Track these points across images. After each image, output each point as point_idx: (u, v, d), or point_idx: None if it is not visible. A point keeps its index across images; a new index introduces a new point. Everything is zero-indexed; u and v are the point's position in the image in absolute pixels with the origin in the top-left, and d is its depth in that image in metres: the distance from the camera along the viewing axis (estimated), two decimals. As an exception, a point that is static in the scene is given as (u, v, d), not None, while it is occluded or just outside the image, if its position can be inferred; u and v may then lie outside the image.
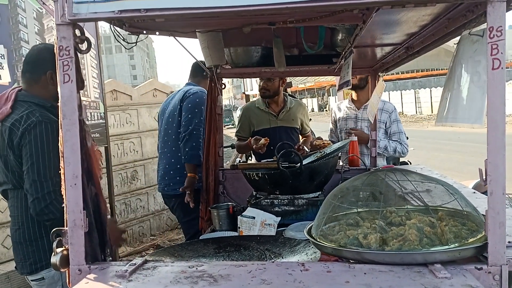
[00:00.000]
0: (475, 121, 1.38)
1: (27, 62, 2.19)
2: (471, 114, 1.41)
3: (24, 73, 2.19)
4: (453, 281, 1.13)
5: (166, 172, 3.48)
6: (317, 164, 2.70)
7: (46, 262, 2.09)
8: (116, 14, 1.24)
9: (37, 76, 2.15)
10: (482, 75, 1.38)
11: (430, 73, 37.27)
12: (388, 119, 3.78)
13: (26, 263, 2.11)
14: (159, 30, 2.17)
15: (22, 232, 2.11)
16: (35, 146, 1.98)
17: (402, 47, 2.32)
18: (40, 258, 2.10)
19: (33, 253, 2.11)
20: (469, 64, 1.45)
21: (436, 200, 1.48)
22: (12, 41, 3.74)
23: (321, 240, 1.44)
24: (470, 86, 1.43)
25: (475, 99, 1.40)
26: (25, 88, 2.17)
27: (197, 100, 3.35)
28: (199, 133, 3.27)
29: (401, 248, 1.27)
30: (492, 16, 1.16)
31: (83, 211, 1.32)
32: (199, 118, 3.29)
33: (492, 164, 1.18)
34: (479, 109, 1.37)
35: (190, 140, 3.24)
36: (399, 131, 3.78)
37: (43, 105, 2.10)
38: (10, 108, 2.07)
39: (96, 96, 4.27)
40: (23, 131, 1.99)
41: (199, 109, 3.32)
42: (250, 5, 1.17)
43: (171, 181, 3.42)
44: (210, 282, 1.19)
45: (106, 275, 1.28)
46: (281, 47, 2.30)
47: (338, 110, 4.05)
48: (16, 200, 2.13)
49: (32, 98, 2.11)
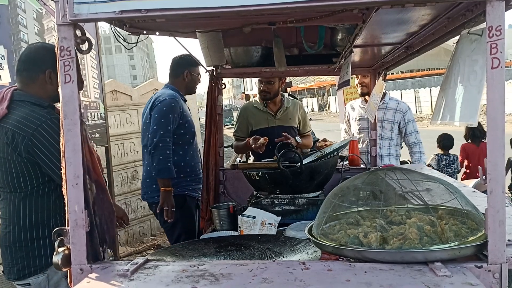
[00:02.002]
0: (469, 119, 1.39)
1: (23, 60, 2.12)
2: (466, 113, 1.42)
3: (21, 71, 2.12)
4: (453, 279, 1.13)
5: (143, 180, 3.42)
6: (317, 163, 2.71)
7: (35, 269, 2.05)
8: (117, 14, 1.24)
9: (34, 75, 2.09)
10: (479, 74, 1.39)
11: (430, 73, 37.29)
12: (402, 119, 3.85)
13: (14, 269, 2.07)
14: (159, 30, 2.17)
15: (12, 236, 2.07)
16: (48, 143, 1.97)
17: (402, 46, 2.32)
18: (28, 264, 2.06)
19: (21, 259, 2.06)
20: (466, 63, 1.46)
21: (436, 199, 1.48)
22: (12, 42, 3.75)
23: (322, 239, 1.44)
24: (466, 85, 1.44)
25: (470, 98, 1.41)
26: (20, 88, 2.11)
27: (164, 109, 3.15)
28: (166, 144, 3.09)
29: (402, 247, 1.27)
30: (491, 15, 1.16)
31: (84, 210, 1.33)
32: (166, 128, 3.11)
33: (492, 163, 1.18)
34: (474, 108, 1.38)
35: (156, 154, 3.07)
36: (415, 130, 3.89)
37: (40, 105, 2.06)
38: (6, 109, 2.02)
39: (96, 96, 4.27)
40: (31, 133, 1.96)
41: (165, 118, 3.13)
42: (250, 5, 1.17)
43: (148, 189, 3.33)
44: (212, 281, 1.20)
45: (107, 274, 1.28)
46: (281, 47, 2.31)
47: (351, 109, 4.08)
48: (8, 202, 2.08)
49: (28, 98, 2.06)
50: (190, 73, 3.39)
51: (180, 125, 3.24)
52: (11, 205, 2.07)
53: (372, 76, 3.35)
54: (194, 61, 3.39)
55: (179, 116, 3.21)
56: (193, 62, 3.40)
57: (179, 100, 3.26)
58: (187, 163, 3.32)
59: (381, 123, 3.77)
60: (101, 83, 4.40)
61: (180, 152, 3.28)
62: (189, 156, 3.34)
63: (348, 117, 4.12)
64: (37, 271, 2.06)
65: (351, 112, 4.08)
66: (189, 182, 3.34)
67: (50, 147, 1.98)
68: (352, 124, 4.06)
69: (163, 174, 3.07)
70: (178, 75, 3.41)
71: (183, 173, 3.28)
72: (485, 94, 1.22)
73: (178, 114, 3.20)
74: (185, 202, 3.27)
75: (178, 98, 3.26)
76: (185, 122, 3.27)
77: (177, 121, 3.21)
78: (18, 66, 2.15)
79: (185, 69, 3.38)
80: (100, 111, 4.37)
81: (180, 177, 3.26)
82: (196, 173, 3.38)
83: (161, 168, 3.06)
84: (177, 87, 3.39)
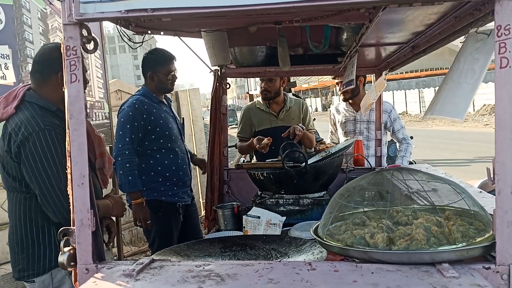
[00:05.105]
0: (457, 115, 1.40)
1: (37, 61, 2.11)
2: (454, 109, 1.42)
3: (34, 73, 2.10)
4: (461, 280, 1.12)
5: None
6: (322, 163, 2.70)
7: (33, 272, 2.03)
8: (123, 13, 1.24)
9: (47, 77, 2.06)
10: (477, 73, 1.39)
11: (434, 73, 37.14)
12: (388, 119, 3.86)
13: (16, 269, 2.07)
14: (165, 30, 2.17)
15: (15, 236, 2.07)
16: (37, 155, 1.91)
17: (408, 46, 2.31)
18: (28, 266, 2.04)
19: (22, 260, 2.05)
20: (466, 61, 1.45)
21: (443, 200, 1.47)
22: (17, 42, 3.76)
23: (328, 239, 1.44)
24: (461, 82, 1.44)
25: (463, 94, 1.41)
26: (33, 88, 2.09)
27: (121, 120, 3.03)
28: (125, 157, 2.95)
29: (409, 248, 1.27)
30: (500, 14, 1.15)
31: (90, 210, 1.32)
32: (124, 141, 2.97)
33: (500, 163, 1.17)
34: (464, 105, 1.39)
35: (117, 169, 2.94)
36: (401, 127, 3.95)
37: (47, 109, 2.02)
38: (14, 108, 2.00)
39: (100, 96, 4.28)
40: (22, 140, 1.91)
41: (123, 130, 3.00)
42: (257, 4, 1.17)
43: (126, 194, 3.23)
44: (218, 281, 1.19)
45: (113, 274, 1.28)
46: (285, 47, 2.31)
47: (336, 112, 4.08)
48: (10, 202, 2.08)
49: (38, 100, 2.03)
50: (155, 74, 3.13)
51: (149, 131, 3.08)
52: (12, 205, 2.07)
53: (377, 76, 3.33)
54: (161, 59, 3.16)
55: (144, 122, 3.04)
56: (159, 60, 3.15)
57: (144, 105, 3.07)
58: (166, 167, 3.14)
59: (367, 124, 3.79)
60: (106, 83, 4.41)
61: (157, 156, 3.12)
62: (169, 160, 3.15)
63: (333, 120, 4.13)
64: (36, 275, 2.04)
65: (337, 115, 4.08)
66: (169, 186, 3.15)
67: (36, 158, 1.91)
68: (338, 127, 4.06)
69: (125, 188, 2.99)
70: (145, 77, 3.19)
71: (161, 177, 3.13)
72: (492, 94, 1.21)
73: (141, 121, 3.03)
74: (161, 207, 3.12)
75: (141, 104, 3.06)
76: (155, 127, 3.09)
77: (143, 128, 3.05)
78: (32, 67, 2.13)
79: (148, 70, 3.15)
80: (105, 111, 4.38)
81: (158, 181, 3.12)
82: (178, 177, 3.20)
83: (122, 183, 2.98)
84: (149, 88, 3.20)
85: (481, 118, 22.06)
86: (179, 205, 3.19)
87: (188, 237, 3.06)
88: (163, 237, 3.11)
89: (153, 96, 3.17)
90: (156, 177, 3.12)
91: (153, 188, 3.11)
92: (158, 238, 3.13)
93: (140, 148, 3.09)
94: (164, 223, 3.14)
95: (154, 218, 3.07)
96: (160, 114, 3.15)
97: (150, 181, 3.10)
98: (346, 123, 3.93)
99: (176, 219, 3.19)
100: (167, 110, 3.26)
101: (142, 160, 3.09)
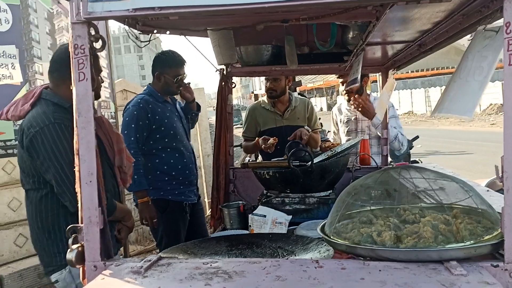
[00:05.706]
0: (465, 113, 1.39)
1: (54, 60, 2.14)
2: (463, 107, 1.41)
3: (52, 72, 2.13)
4: (469, 278, 1.12)
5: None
6: (328, 162, 2.70)
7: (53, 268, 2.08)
8: (130, 12, 1.24)
9: (64, 76, 2.02)
10: (485, 70, 1.38)
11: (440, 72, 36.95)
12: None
13: (40, 265, 2.17)
14: (171, 29, 2.18)
15: (34, 234, 2.13)
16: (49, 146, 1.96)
17: (415, 44, 2.30)
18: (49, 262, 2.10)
19: (42, 257, 2.12)
20: (475, 58, 1.45)
21: (451, 198, 1.47)
22: (23, 41, 3.78)
23: (335, 237, 1.43)
24: (470, 80, 1.43)
25: (471, 92, 1.40)
26: (51, 87, 2.13)
27: (126, 119, 3.06)
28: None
29: (416, 246, 1.26)
30: (509, 11, 1.14)
31: (98, 207, 1.33)
32: (129, 140, 2.95)
33: (508, 161, 1.17)
34: (472, 103, 1.38)
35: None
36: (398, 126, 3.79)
37: (61, 105, 2.05)
38: (30, 105, 2.05)
39: (106, 95, 4.30)
40: (34, 133, 1.96)
41: (128, 129, 3.02)
42: (266, 1, 1.17)
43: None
44: (225, 278, 1.19)
45: (121, 271, 1.28)
46: (293, 45, 2.30)
47: (338, 112, 4.06)
48: (26, 201, 2.13)
49: (52, 97, 2.07)
50: (162, 75, 3.14)
51: (154, 130, 3.09)
52: (28, 203, 2.11)
53: (384, 75, 3.32)
54: (170, 61, 3.17)
55: (149, 122, 3.05)
56: (169, 62, 3.16)
57: (148, 104, 3.08)
58: (172, 166, 3.15)
59: (369, 122, 3.75)
60: (112, 83, 4.43)
61: (163, 155, 3.13)
62: (174, 159, 3.16)
63: (335, 120, 4.11)
64: (55, 270, 2.08)
65: (339, 115, 4.05)
66: (175, 185, 3.16)
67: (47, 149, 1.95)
68: (339, 127, 4.04)
69: (131, 187, 2.93)
70: (153, 76, 3.20)
71: (167, 176, 3.14)
72: (498, 93, 1.20)
73: (146, 120, 3.04)
74: (168, 206, 3.14)
75: (146, 103, 3.07)
76: (159, 126, 3.10)
77: (147, 127, 3.06)
78: (50, 66, 2.16)
79: (157, 70, 3.16)
80: (111, 110, 4.41)
81: (164, 180, 3.13)
82: (184, 176, 3.20)
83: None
84: (155, 88, 3.21)
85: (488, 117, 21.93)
86: (185, 204, 3.20)
87: (194, 236, 3.07)
88: (170, 236, 3.13)
89: (158, 96, 3.18)
90: (162, 176, 3.14)
91: (159, 187, 3.13)
92: (166, 237, 3.15)
93: (146, 147, 3.10)
94: (171, 222, 3.15)
95: (161, 217, 3.09)
96: (165, 113, 3.16)
97: (156, 180, 3.12)
98: (348, 122, 3.91)
99: (183, 218, 3.21)
100: (172, 110, 3.27)
101: (148, 159, 3.10)
